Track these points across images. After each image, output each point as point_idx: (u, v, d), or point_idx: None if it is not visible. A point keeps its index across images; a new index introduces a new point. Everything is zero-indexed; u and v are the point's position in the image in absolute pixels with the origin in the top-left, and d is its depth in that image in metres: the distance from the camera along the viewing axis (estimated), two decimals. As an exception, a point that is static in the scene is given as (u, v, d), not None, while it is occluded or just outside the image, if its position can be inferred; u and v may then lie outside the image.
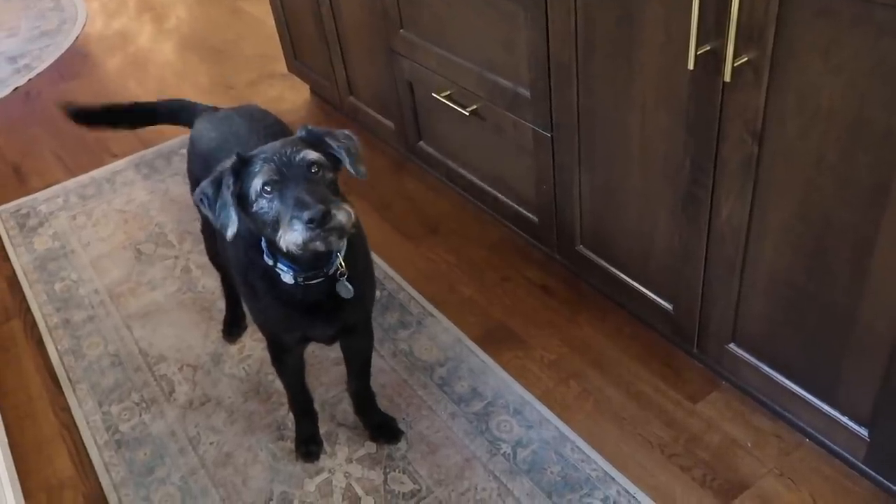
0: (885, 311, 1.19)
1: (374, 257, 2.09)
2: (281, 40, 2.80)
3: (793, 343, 1.39)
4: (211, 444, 1.67)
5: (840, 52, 1.07)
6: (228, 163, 1.20)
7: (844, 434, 1.37)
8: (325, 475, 1.58)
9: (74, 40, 3.66)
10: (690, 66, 1.24)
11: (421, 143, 2.27)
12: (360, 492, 1.54)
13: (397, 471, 1.57)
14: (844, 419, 1.36)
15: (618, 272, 1.73)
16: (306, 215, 1.12)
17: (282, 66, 2.94)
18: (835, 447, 1.45)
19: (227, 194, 1.18)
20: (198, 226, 2.30)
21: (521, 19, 1.60)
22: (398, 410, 1.68)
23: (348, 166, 1.26)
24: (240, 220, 1.20)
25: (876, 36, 1.02)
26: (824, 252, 1.24)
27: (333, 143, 1.25)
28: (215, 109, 1.71)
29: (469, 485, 1.52)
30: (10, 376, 1.91)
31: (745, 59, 1.18)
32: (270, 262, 1.29)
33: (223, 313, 1.94)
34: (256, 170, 1.17)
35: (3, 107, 3.17)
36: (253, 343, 1.89)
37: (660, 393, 1.66)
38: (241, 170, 1.19)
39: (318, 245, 1.15)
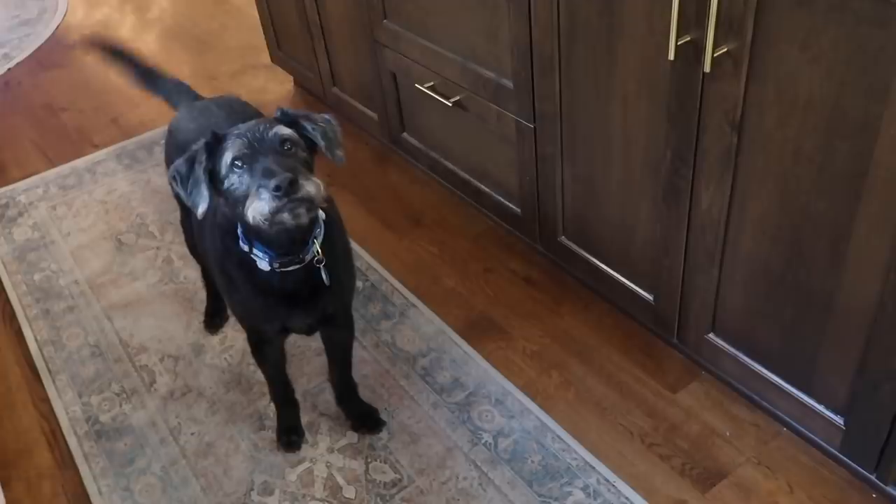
0: (862, 300, 1.20)
1: (358, 249, 2.09)
2: (264, 31, 2.79)
3: (771, 333, 1.40)
4: (192, 434, 1.66)
5: (818, 41, 1.08)
6: (203, 141, 1.20)
7: (821, 423, 1.38)
8: (306, 465, 1.58)
9: (55, 30, 3.62)
10: (671, 56, 1.25)
11: (404, 134, 2.26)
12: (341, 481, 1.54)
13: (379, 460, 1.57)
14: (821, 408, 1.37)
15: (599, 263, 1.74)
16: (272, 183, 1.10)
17: (265, 57, 2.92)
18: (812, 436, 1.47)
19: (200, 171, 1.18)
20: (179, 216, 2.29)
21: (503, 9, 1.60)
22: (380, 400, 1.68)
23: (324, 149, 1.25)
24: (212, 200, 1.20)
25: (853, 25, 1.03)
26: (802, 242, 1.25)
27: (309, 126, 1.24)
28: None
29: (450, 474, 1.53)
30: (-11, 367, 1.90)
31: (725, 49, 1.18)
32: (246, 248, 1.27)
33: (204, 304, 1.93)
34: (228, 145, 1.17)
35: (-18, 96, 3.13)
36: (234, 334, 1.88)
37: (640, 383, 1.67)
38: (215, 148, 1.19)
39: (286, 217, 1.14)
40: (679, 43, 1.24)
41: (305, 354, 1.80)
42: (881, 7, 0.99)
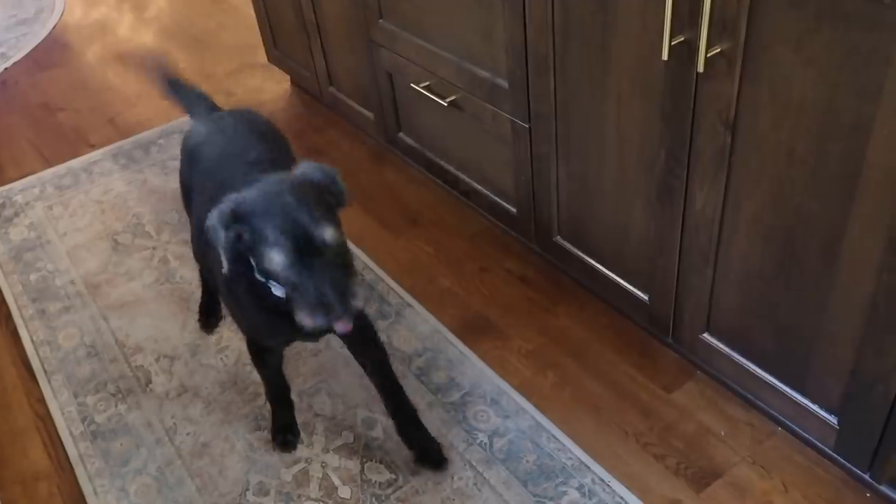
0: (854, 300, 1.20)
1: (354, 248, 2.09)
2: (261, 30, 2.79)
3: (765, 332, 1.41)
4: (187, 434, 1.67)
5: (811, 43, 1.08)
6: (227, 206, 1.17)
7: (815, 422, 1.38)
8: (301, 465, 1.58)
9: (52, 29, 3.62)
10: (665, 56, 1.24)
11: (401, 134, 2.26)
12: (336, 481, 1.54)
13: (374, 460, 1.57)
14: (815, 407, 1.37)
15: (595, 263, 1.74)
16: (330, 317, 1.14)
17: (262, 56, 2.92)
18: (806, 435, 1.47)
19: (225, 237, 1.17)
20: (176, 216, 2.30)
21: (498, 9, 1.60)
22: (376, 401, 1.68)
23: (344, 201, 1.26)
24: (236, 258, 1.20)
25: (846, 28, 1.03)
26: (795, 242, 1.25)
27: (339, 182, 1.25)
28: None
29: (445, 474, 1.53)
30: (-15, 367, 1.90)
31: (718, 49, 1.18)
32: (261, 279, 1.25)
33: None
34: (271, 239, 1.14)
35: (-22, 96, 3.13)
36: (230, 334, 1.88)
37: (635, 382, 1.67)
38: (244, 215, 1.17)
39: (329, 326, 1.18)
40: (673, 43, 1.24)
41: (301, 355, 1.80)
42: (873, 9, 0.99)
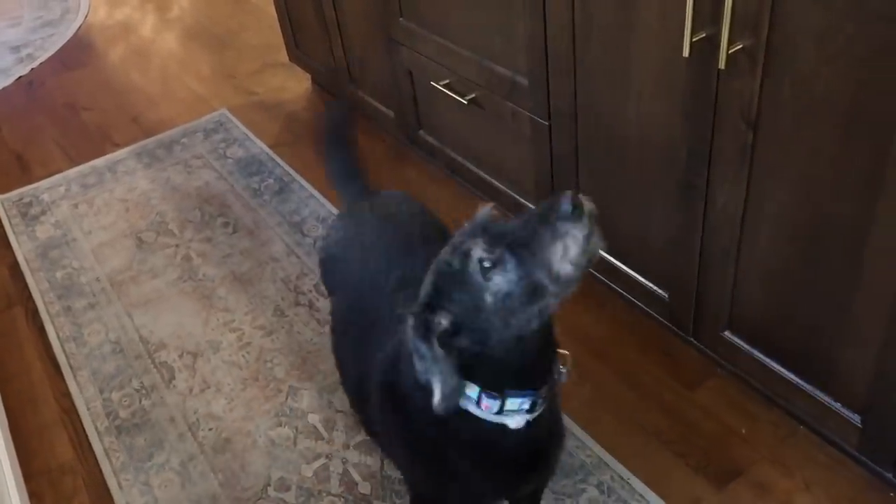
0: (878, 299, 1.19)
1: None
2: (282, 29, 2.81)
3: (787, 330, 1.40)
4: (210, 430, 1.69)
5: (834, 39, 1.07)
6: (417, 307, 0.88)
7: (838, 421, 1.37)
8: (322, 461, 1.59)
9: (77, 30, 3.67)
10: (686, 53, 1.24)
11: (421, 132, 2.27)
12: (357, 477, 1.55)
13: (394, 457, 1.58)
14: (838, 406, 1.36)
15: (615, 261, 1.73)
16: (562, 206, 0.79)
17: (284, 56, 2.94)
18: (828, 434, 1.46)
19: (434, 340, 0.85)
20: (198, 214, 2.32)
21: (518, 7, 1.61)
22: (396, 397, 1.69)
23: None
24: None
25: (869, 22, 1.02)
26: (818, 240, 1.24)
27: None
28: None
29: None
30: (12, 362, 1.93)
31: (740, 45, 1.18)
32: (495, 409, 0.89)
33: (223, 300, 1.95)
34: (460, 261, 0.87)
35: (5, 96, 3.18)
36: (252, 331, 1.90)
37: (657, 381, 1.66)
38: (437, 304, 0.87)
39: (595, 246, 0.82)
40: (694, 40, 1.23)
41: (322, 352, 1.82)
42: (898, 3, 0.98)
